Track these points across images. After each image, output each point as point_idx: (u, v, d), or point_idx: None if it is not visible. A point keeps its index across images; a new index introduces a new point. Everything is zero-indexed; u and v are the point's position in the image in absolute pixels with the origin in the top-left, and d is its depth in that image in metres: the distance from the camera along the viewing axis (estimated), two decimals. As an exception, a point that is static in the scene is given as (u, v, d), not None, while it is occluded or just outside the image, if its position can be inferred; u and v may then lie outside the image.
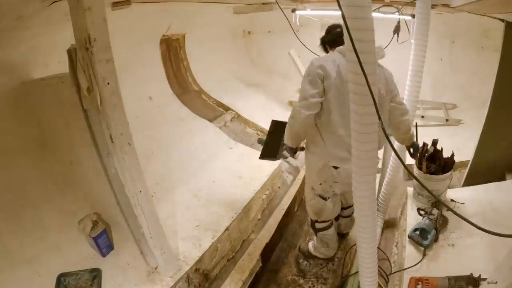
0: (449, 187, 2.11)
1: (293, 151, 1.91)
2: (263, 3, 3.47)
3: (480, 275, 1.49)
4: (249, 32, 4.64)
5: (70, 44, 1.24)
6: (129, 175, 1.46)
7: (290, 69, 3.93)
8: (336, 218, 2.26)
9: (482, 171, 2.31)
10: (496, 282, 1.03)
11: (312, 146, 1.86)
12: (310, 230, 2.76)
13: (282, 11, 2.49)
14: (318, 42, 1.88)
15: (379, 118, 0.97)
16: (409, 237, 1.89)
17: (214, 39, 4.06)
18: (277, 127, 2.17)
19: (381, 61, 1.64)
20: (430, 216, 1.90)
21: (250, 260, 2.17)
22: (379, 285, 1.76)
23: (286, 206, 2.65)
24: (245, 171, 2.82)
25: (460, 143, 2.91)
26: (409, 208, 2.17)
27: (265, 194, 2.76)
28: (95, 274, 1.74)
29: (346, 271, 2.18)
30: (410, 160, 2.21)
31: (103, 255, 1.88)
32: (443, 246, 1.84)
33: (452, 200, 2.10)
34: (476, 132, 2.34)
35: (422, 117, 3.67)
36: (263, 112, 3.89)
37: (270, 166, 2.93)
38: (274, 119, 2.27)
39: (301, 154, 2.13)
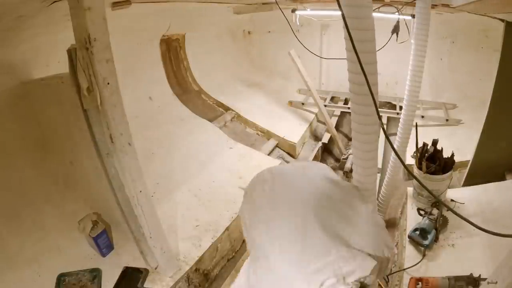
0: (449, 187, 2.11)
1: None
2: (263, 3, 3.48)
3: (480, 275, 1.49)
4: (249, 32, 4.64)
5: (70, 44, 1.24)
6: (129, 175, 1.46)
7: (290, 69, 3.92)
8: None
9: (482, 171, 2.31)
10: (496, 282, 1.03)
11: None
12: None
13: (282, 12, 2.49)
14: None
15: (379, 118, 0.97)
16: (409, 237, 1.89)
17: (214, 39, 4.06)
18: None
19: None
20: (430, 216, 1.90)
21: (250, 260, 2.17)
22: (379, 285, 1.77)
23: (286, 206, 2.65)
24: (245, 171, 2.82)
25: (460, 143, 2.91)
26: (409, 208, 2.17)
27: (265, 194, 2.76)
28: (95, 274, 1.74)
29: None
30: (410, 160, 2.21)
31: (103, 255, 1.88)
32: (443, 246, 1.84)
33: (452, 200, 2.10)
34: (476, 132, 2.34)
35: (422, 117, 3.66)
36: (263, 112, 3.89)
37: (270, 166, 2.93)
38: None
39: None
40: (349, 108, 3.64)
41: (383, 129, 1.00)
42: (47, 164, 2.00)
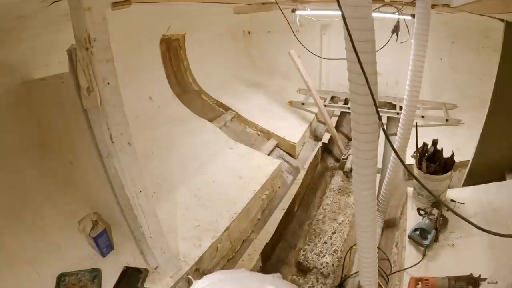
0: (449, 187, 2.11)
1: None
2: (263, 3, 3.47)
3: (480, 275, 1.50)
4: (249, 32, 4.64)
5: (70, 44, 1.25)
6: (129, 175, 1.46)
7: (290, 69, 3.93)
8: None
9: (482, 171, 2.31)
10: (496, 282, 1.03)
11: None
12: (310, 230, 2.76)
13: (282, 12, 2.48)
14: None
15: (379, 118, 0.97)
16: (409, 237, 1.89)
17: (214, 39, 4.06)
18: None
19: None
20: (430, 216, 1.90)
21: (250, 260, 2.17)
22: (379, 285, 1.77)
23: (286, 206, 2.66)
24: (245, 171, 2.82)
25: (460, 143, 2.92)
26: (409, 208, 2.18)
27: (265, 194, 2.76)
28: (95, 274, 1.75)
29: (346, 271, 2.18)
30: (410, 160, 2.21)
31: (103, 255, 1.88)
32: (443, 246, 1.84)
33: (452, 200, 2.10)
34: (476, 132, 2.35)
35: (422, 117, 3.67)
36: (263, 112, 3.89)
37: (270, 166, 2.94)
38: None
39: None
40: (349, 108, 3.64)
41: (383, 129, 1.00)
42: (47, 164, 2.00)
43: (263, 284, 1.12)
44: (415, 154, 2.13)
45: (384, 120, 3.95)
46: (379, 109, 0.97)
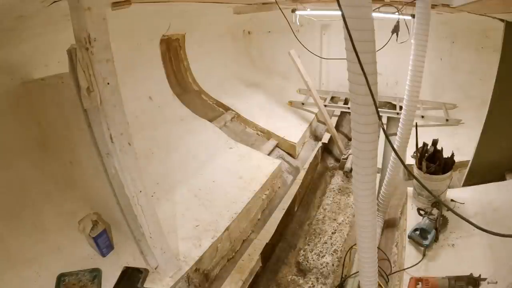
0: (449, 187, 2.11)
1: None
2: (263, 3, 3.47)
3: (480, 275, 1.50)
4: (249, 32, 4.64)
5: (70, 44, 1.25)
6: (129, 175, 1.46)
7: (290, 69, 3.93)
8: None
9: (482, 171, 2.31)
10: (496, 282, 1.03)
11: None
12: (310, 230, 2.77)
13: (282, 12, 2.48)
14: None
15: (379, 118, 0.97)
16: (409, 237, 1.89)
17: (214, 39, 4.06)
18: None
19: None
20: (430, 216, 1.90)
21: (250, 260, 2.17)
22: (379, 285, 1.77)
23: (286, 206, 2.66)
24: (245, 171, 2.82)
25: (460, 143, 2.92)
26: (409, 208, 2.18)
27: (265, 194, 2.76)
28: (95, 274, 1.75)
29: (346, 271, 2.18)
30: (410, 160, 2.21)
31: (103, 255, 1.88)
32: (443, 246, 1.84)
33: (452, 200, 2.10)
34: (476, 132, 2.35)
35: (422, 117, 3.67)
36: (263, 112, 3.89)
37: (270, 166, 2.94)
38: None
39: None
40: (349, 108, 3.64)
41: (383, 129, 1.00)
42: (47, 164, 2.00)
43: None
44: (415, 154, 2.13)
45: (384, 120, 3.96)
46: (379, 109, 0.97)
